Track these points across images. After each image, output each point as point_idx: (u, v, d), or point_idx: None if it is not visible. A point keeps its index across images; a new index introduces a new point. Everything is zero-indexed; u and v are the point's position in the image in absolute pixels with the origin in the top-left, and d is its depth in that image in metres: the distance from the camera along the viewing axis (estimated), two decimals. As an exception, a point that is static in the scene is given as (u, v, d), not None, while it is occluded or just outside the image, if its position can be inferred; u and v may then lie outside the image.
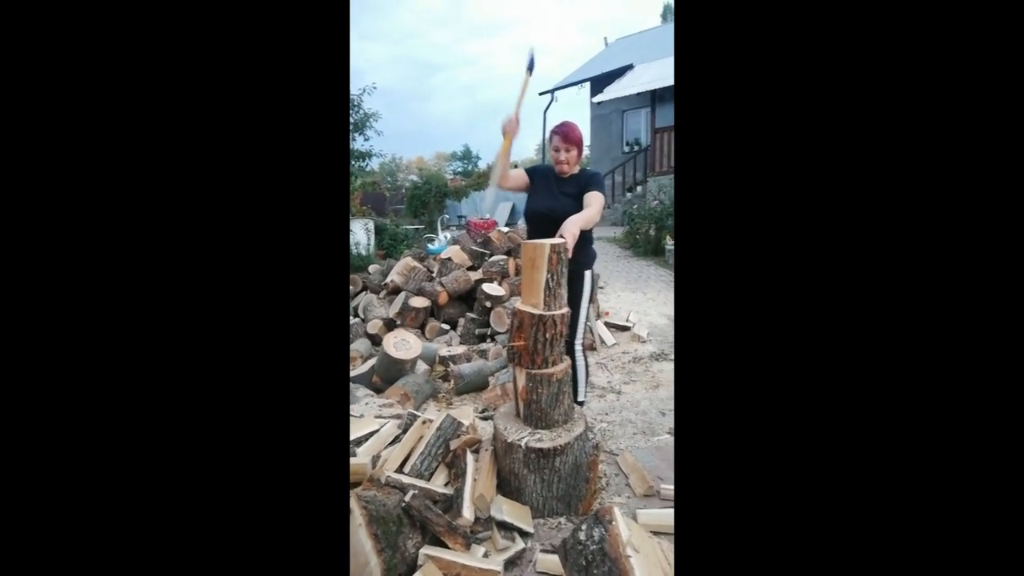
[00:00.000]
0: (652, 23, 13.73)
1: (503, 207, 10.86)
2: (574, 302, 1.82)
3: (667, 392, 2.48)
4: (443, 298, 3.46)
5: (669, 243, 5.97)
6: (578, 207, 1.79)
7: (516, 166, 2.50)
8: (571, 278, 1.63)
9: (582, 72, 11.62)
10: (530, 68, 1.78)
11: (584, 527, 0.95)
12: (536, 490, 1.50)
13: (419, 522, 1.29)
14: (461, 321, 3.41)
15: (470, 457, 1.55)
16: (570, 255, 1.53)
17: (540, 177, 1.93)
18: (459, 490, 1.43)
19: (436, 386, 2.55)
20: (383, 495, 1.31)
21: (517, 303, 1.61)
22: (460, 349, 2.89)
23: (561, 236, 1.53)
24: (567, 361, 1.60)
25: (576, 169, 1.88)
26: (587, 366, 2.03)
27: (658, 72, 8.93)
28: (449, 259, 3.71)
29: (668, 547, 1.04)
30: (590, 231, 1.85)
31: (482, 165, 26.20)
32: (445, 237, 6.52)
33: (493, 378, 2.63)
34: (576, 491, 1.53)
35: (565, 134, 1.82)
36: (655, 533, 1.39)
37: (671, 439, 2.02)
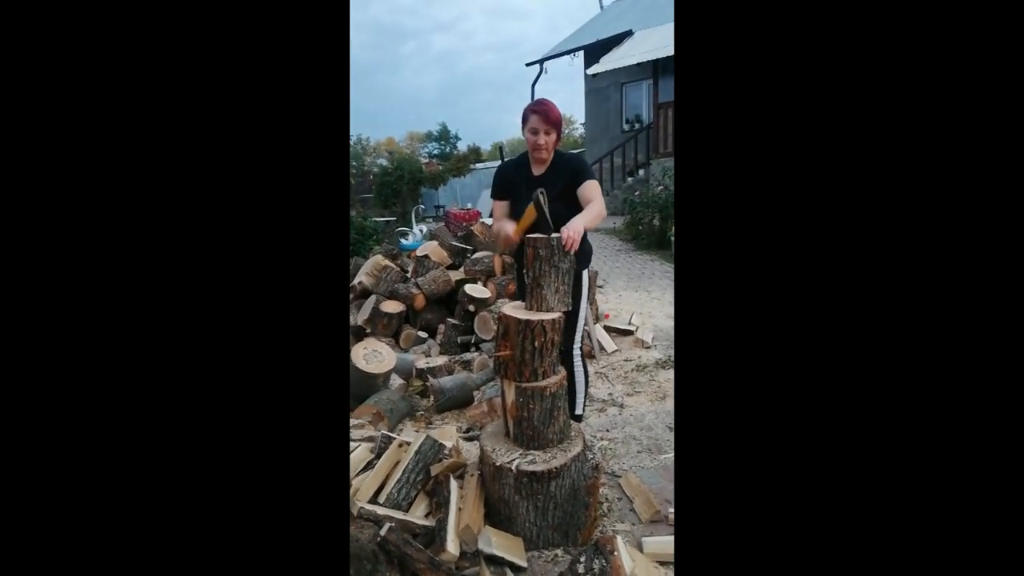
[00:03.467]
0: (654, -17, 13.78)
1: (487, 195, 10.88)
2: (572, 305, 1.85)
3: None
4: (419, 301, 3.48)
5: (675, 234, 6.06)
6: (567, 205, 1.75)
7: (502, 148, 2.53)
8: None
9: (575, 39, 11.69)
10: (536, 200, 1.66)
11: (583, 559, 0.99)
12: (529, 519, 1.53)
13: (397, 559, 1.31)
14: (441, 328, 3.43)
15: (454, 484, 1.57)
16: (572, 251, 1.55)
17: (512, 186, 1.87)
18: (442, 521, 1.46)
19: (413, 403, 2.56)
20: (356, 529, 1.33)
21: (505, 306, 1.64)
22: (440, 360, 2.91)
23: (558, 233, 1.56)
24: (561, 372, 1.64)
25: (551, 155, 1.85)
26: (586, 376, 2.07)
27: (661, 39, 9.04)
28: (426, 256, 3.72)
29: (676, 577, 1.08)
30: None
31: (462, 147, 26.18)
32: (420, 231, 6.54)
33: (479, 393, 2.65)
34: (574, 519, 1.57)
35: (545, 113, 1.76)
36: (663, 563, 1.44)
37: (680, 457, 2.08)
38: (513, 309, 1.62)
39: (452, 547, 1.40)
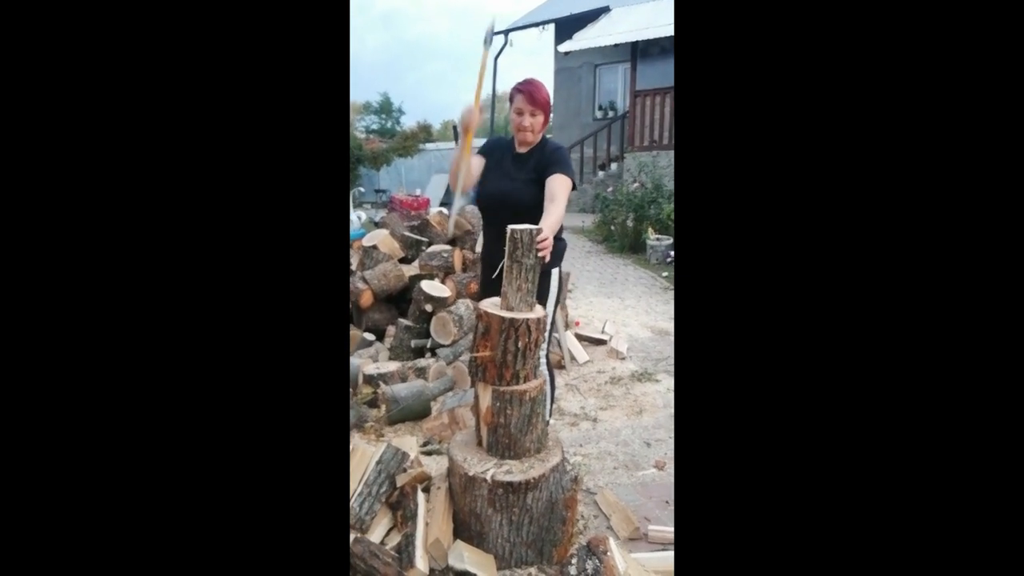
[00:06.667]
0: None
1: (437, 180, 10.91)
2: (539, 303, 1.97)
3: (652, 419, 2.71)
4: (366, 299, 3.50)
5: (651, 237, 6.34)
6: (539, 190, 1.91)
7: (455, 127, 2.63)
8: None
9: (545, 11, 11.96)
10: (488, 42, 1.88)
11: (575, 560, 1.10)
12: (502, 534, 1.63)
13: (363, 574, 1.37)
14: (391, 329, 3.46)
15: (421, 496, 1.65)
16: (547, 260, 1.66)
17: (494, 153, 2.08)
18: (409, 535, 1.53)
19: (362, 413, 2.60)
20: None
21: (484, 304, 1.73)
22: (392, 366, 2.96)
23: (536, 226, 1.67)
24: (542, 377, 1.75)
25: (537, 139, 2.03)
26: (553, 380, 2.23)
27: (640, 19, 9.42)
28: (374, 247, 3.74)
29: (665, 586, 1.21)
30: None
31: (406, 121, 25.94)
32: (359, 218, 6.51)
33: (436, 403, 2.73)
34: (550, 534, 1.68)
35: (531, 94, 1.93)
36: (644, 579, 1.57)
37: (658, 473, 2.23)
38: (494, 306, 1.71)
39: (421, 563, 1.47)
